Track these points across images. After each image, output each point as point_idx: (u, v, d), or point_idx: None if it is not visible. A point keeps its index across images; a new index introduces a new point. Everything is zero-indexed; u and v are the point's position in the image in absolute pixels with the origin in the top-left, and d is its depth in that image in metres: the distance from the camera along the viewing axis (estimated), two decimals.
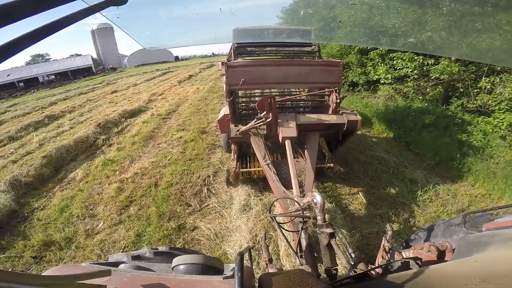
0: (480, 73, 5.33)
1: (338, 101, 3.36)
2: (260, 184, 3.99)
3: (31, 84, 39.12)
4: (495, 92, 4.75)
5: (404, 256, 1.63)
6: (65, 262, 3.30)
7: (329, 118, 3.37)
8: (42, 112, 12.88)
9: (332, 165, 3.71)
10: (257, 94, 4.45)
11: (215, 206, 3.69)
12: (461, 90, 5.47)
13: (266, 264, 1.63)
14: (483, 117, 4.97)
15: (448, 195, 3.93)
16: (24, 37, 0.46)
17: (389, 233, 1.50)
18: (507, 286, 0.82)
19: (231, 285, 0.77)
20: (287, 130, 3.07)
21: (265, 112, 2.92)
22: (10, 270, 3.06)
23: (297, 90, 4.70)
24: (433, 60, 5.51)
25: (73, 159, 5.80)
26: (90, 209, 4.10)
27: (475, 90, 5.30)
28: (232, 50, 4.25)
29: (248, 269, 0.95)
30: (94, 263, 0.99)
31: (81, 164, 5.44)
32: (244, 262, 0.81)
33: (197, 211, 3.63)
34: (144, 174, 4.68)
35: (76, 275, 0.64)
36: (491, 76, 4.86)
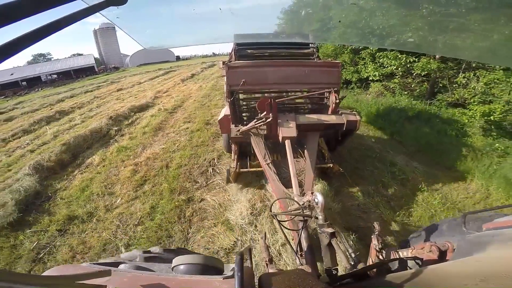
0: (459, 70, 5.88)
1: (337, 101, 3.38)
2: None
3: (34, 83, 39.49)
4: (470, 86, 5.29)
5: (401, 256, 1.62)
6: (87, 234, 3.69)
7: (329, 118, 3.39)
8: (51, 109, 13.37)
9: (331, 165, 3.79)
10: (257, 95, 4.44)
11: (219, 183, 4.25)
12: (440, 85, 6.02)
13: (266, 264, 1.65)
14: (459, 109, 5.52)
15: (424, 176, 4.48)
16: (24, 37, 0.46)
17: (376, 232, 1.50)
18: (507, 286, 0.82)
19: (231, 285, 0.77)
20: (287, 130, 3.10)
21: (265, 113, 2.96)
22: (10, 270, 3.15)
23: (296, 91, 4.75)
24: (414, 58, 6.05)
25: (89, 147, 6.37)
26: (109, 188, 4.63)
27: (454, 85, 5.85)
28: (233, 52, 4.35)
29: (248, 269, 0.94)
30: (94, 263, 1.00)
31: (97, 151, 6.01)
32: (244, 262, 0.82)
33: (203, 187, 4.19)
34: (155, 158, 5.26)
35: (76, 275, 0.64)
36: (466, 72, 5.41)
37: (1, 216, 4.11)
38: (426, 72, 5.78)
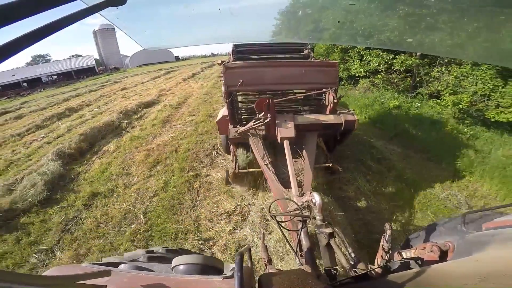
0: (435, 65, 6.60)
1: (335, 101, 3.39)
2: None
3: (35, 84, 39.83)
4: (442, 79, 6.01)
5: (405, 257, 1.61)
6: (109, 207, 4.22)
7: (327, 118, 3.42)
8: (59, 107, 13.91)
9: (330, 164, 3.86)
10: (256, 95, 4.37)
11: (222, 162, 4.95)
12: (418, 79, 6.73)
13: (266, 265, 1.65)
14: (433, 100, 6.24)
15: (399, 156, 5.18)
16: (24, 37, 0.46)
17: (388, 232, 1.47)
18: (507, 286, 0.82)
19: (231, 285, 0.77)
20: (286, 131, 3.10)
21: (263, 113, 2.97)
22: (10, 270, 3.16)
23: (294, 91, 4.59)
24: (394, 55, 6.78)
25: (103, 137, 7.07)
26: (126, 169, 5.31)
27: (431, 79, 6.58)
28: (232, 54, 4.42)
29: (248, 269, 0.94)
30: (94, 263, 1.01)
31: (112, 140, 6.72)
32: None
33: (209, 165, 4.91)
34: (165, 145, 5.96)
35: (76, 275, 0.66)
36: (438, 67, 6.13)
37: (32, 194, 4.72)
38: (404, 68, 6.51)
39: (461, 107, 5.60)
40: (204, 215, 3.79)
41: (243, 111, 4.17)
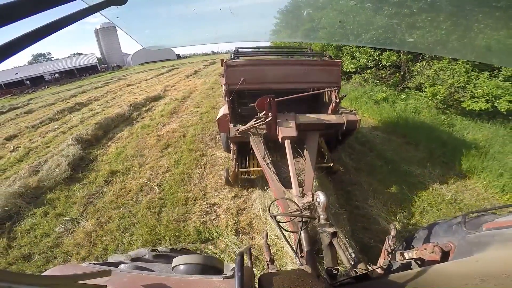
0: (417, 60, 7.26)
1: (337, 100, 3.37)
2: None
3: (38, 82, 40.56)
4: (423, 73, 6.67)
5: (407, 257, 1.61)
6: (126, 182, 4.95)
7: (329, 117, 3.40)
8: (67, 102, 14.56)
9: (331, 164, 3.86)
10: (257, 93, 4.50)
11: None
12: (402, 73, 7.40)
13: (267, 265, 1.66)
14: (415, 91, 6.90)
15: (381, 140, 5.85)
16: (24, 37, 0.46)
17: (392, 233, 1.48)
18: (507, 286, 0.84)
19: (231, 285, 0.78)
20: (287, 130, 3.08)
21: (264, 112, 2.96)
22: (10, 270, 3.16)
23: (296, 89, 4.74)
24: (380, 52, 7.44)
25: (116, 126, 7.77)
26: (139, 152, 5.96)
27: (415, 73, 7.24)
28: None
29: (248, 269, 0.96)
30: (94, 263, 1.02)
31: (124, 128, 7.39)
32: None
33: (213, 147, 5.60)
34: (174, 132, 6.65)
35: (76, 275, 0.66)
36: (420, 62, 6.79)
37: (57, 173, 5.37)
38: (390, 63, 7.18)
39: (439, 98, 6.25)
40: (210, 186, 4.43)
41: (244, 109, 4.14)
